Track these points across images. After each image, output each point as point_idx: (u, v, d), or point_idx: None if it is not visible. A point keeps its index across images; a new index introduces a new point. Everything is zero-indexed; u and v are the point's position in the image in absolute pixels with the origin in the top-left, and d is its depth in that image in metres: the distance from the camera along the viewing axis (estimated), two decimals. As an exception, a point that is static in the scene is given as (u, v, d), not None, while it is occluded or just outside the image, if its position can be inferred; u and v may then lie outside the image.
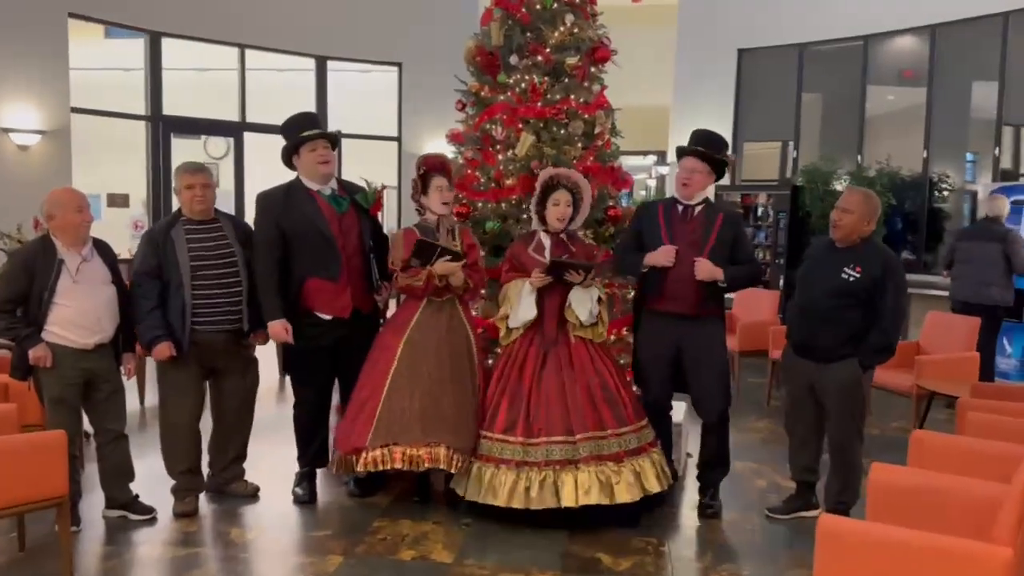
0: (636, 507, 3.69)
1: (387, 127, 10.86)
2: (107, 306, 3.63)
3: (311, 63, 10.38)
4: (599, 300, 3.86)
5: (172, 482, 3.94)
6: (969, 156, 9.08)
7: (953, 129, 8.93)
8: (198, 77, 10.79)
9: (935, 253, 8.68)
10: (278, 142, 4.03)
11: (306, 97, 10.25)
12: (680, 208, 3.93)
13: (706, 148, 3.89)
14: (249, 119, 9.84)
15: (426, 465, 3.65)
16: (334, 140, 4.03)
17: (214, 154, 14.21)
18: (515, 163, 4.48)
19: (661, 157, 13.21)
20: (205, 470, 4.11)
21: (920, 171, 8.88)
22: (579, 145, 4.55)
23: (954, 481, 2.69)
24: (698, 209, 3.92)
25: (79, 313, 3.53)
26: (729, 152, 4.00)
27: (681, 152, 3.95)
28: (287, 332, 3.86)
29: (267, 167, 5.29)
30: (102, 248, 3.73)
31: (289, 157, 4.00)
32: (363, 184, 4.16)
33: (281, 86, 11.16)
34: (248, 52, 9.79)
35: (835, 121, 10.19)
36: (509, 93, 4.57)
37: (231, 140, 10.15)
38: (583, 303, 3.81)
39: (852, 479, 3.73)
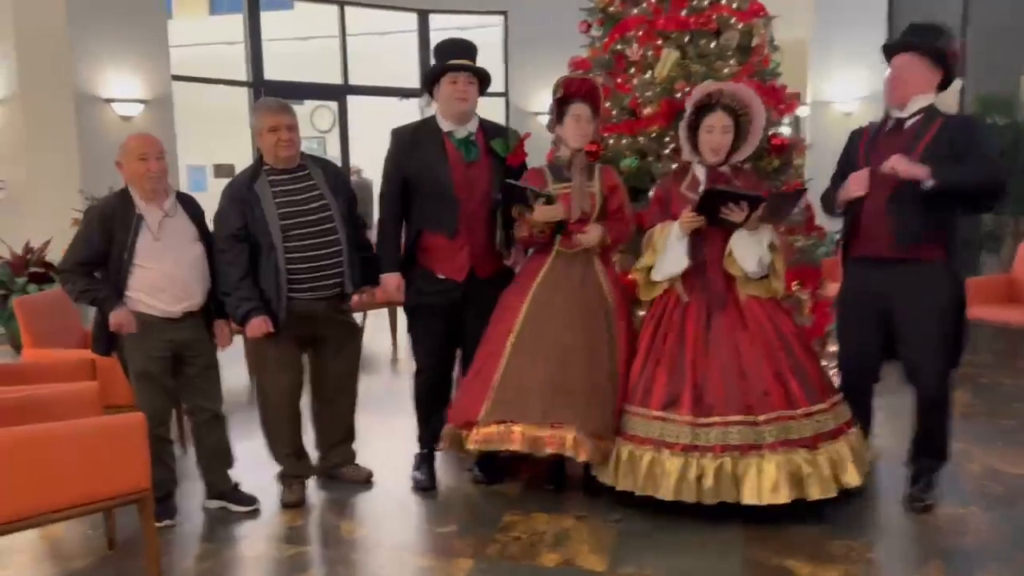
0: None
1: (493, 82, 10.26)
2: (194, 267, 3.16)
3: (413, 23, 9.84)
4: (771, 246, 3.09)
5: (278, 467, 3.49)
6: None
7: None
8: (298, 48, 10.56)
9: None
10: (379, 106, 3.50)
11: (408, 56, 9.77)
12: (891, 122, 3.08)
13: (920, 38, 3.02)
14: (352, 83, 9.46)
15: (548, 450, 3.04)
16: (483, 76, 3.42)
17: (320, 127, 14.10)
18: (655, 87, 3.74)
19: (797, 98, 12.03)
20: (314, 453, 3.63)
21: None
22: (732, 61, 3.76)
23: None
24: (912, 120, 3.04)
25: (163, 276, 3.07)
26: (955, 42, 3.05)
27: (889, 51, 3.09)
28: (399, 289, 3.39)
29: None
30: (187, 202, 3.26)
31: (431, 86, 3.44)
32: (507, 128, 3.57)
33: (382, 51, 10.80)
34: (348, 11, 9.37)
35: (995, 51, 8.78)
36: (645, 4, 3.83)
37: (335, 107, 9.79)
38: (749, 249, 3.05)
39: None
